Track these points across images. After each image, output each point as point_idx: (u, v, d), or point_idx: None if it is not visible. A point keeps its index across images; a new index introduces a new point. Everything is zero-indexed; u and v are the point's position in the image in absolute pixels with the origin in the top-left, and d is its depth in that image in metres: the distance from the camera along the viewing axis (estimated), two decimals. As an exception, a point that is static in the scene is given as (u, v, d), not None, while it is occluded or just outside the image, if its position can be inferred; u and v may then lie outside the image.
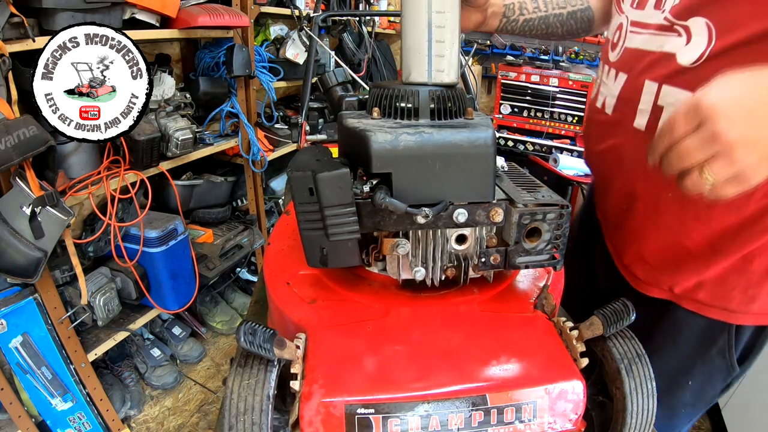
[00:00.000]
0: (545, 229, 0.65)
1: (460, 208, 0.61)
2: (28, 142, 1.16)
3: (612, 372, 0.61)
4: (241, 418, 0.52)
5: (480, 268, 0.69)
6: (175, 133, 1.68)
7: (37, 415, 1.48)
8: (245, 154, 2.15)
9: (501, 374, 0.57)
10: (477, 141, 0.60)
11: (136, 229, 1.61)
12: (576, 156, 3.11)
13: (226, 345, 2.19)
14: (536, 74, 3.34)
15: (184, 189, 1.95)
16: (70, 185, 1.41)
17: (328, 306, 0.70)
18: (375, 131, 0.59)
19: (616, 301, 0.61)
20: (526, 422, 0.56)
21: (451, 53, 0.64)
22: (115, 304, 1.59)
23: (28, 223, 1.24)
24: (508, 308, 0.70)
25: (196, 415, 1.84)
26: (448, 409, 0.54)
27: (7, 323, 1.33)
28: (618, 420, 0.60)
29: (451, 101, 0.65)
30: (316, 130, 1.40)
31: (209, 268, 1.92)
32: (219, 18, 1.68)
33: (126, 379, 1.86)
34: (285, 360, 0.57)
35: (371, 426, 0.53)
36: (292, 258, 0.83)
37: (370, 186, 0.61)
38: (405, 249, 0.66)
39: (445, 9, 0.62)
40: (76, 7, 1.29)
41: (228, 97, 2.07)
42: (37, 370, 1.41)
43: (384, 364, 0.59)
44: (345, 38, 2.84)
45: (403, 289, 0.73)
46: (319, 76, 1.11)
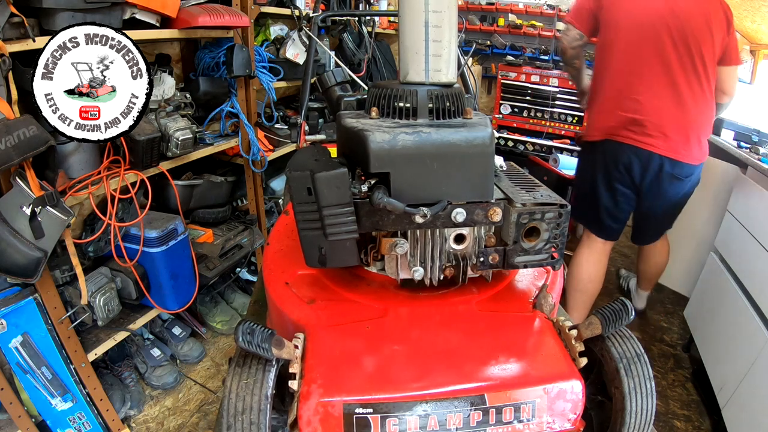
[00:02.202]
0: (544, 228, 0.65)
1: (458, 207, 0.61)
2: (28, 142, 1.16)
3: (611, 371, 0.61)
4: (239, 417, 0.52)
5: (479, 268, 0.69)
6: (175, 133, 1.68)
7: (37, 415, 1.49)
8: (245, 154, 2.15)
9: (499, 374, 0.57)
10: (475, 140, 0.60)
11: (136, 229, 1.61)
12: (576, 156, 3.11)
13: (226, 345, 2.19)
14: (536, 74, 3.34)
15: (184, 189, 1.95)
16: (70, 185, 1.41)
17: (327, 306, 0.70)
18: (373, 131, 0.59)
19: (614, 301, 0.61)
20: (524, 422, 0.56)
21: (448, 53, 0.64)
22: (115, 304, 1.59)
23: (28, 223, 1.24)
24: (507, 308, 0.70)
25: (196, 415, 1.84)
26: (447, 409, 0.54)
27: (7, 323, 1.33)
28: (617, 419, 0.60)
29: (449, 101, 0.65)
30: (316, 130, 1.40)
31: (209, 268, 1.92)
32: (219, 18, 1.68)
33: (126, 379, 1.86)
34: (283, 360, 0.57)
35: (369, 426, 0.53)
36: (291, 258, 0.83)
37: (368, 186, 0.61)
38: (403, 249, 0.66)
39: (442, 9, 0.62)
40: (76, 7, 1.29)
41: (228, 97, 2.07)
42: (37, 370, 1.41)
43: (382, 364, 0.59)
44: (345, 38, 2.84)
45: (401, 288, 0.73)
46: (318, 76, 1.11)
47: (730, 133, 2.24)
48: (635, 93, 1.77)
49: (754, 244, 1.73)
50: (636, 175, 1.84)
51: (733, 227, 1.94)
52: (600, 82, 1.92)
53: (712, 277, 2.08)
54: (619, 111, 1.80)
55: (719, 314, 1.92)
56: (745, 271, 1.79)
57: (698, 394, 1.96)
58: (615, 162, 1.86)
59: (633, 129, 1.79)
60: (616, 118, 1.81)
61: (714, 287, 2.03)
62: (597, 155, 1.92)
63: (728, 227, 2.01)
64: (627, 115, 1.78)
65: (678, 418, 1.85)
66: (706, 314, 2.07)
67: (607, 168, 1.89)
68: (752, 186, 1.87)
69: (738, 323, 1.74)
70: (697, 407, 1.90)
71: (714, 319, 1.96)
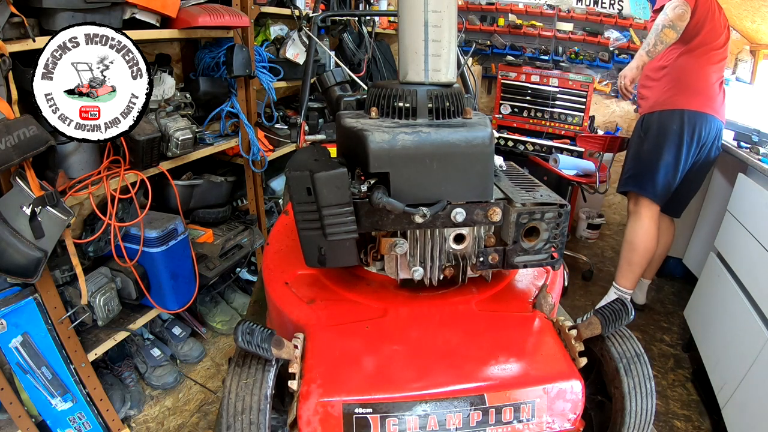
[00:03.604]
0: (543, 228, 0.65)
1: (458, 207, 0.61)
2: (28, 142, 1.17)
3: (611, 371, 0.61)
4: (239, 417, 0.52)
5: (478, 268, 0.69)
6: (175, 133, 1.68)
7: (37, 415, 1.49)
8: (245, 154, 2.15)
9: (499, 374, 0.57)
10: (475, 140, 0.60)
11: (136, 229, 1.61)
12: (576, 156, 3.11)
13: (226, 345, 2.20)
14: (536, 74, 3.34)
15: (184, 189, 1.95)
16: (70, 185, 1.41)
17: (327, 306, 0.70)
18: (373, 131, 0.59)
19: (614, 301, 0.61)
20: (524, 422, 0.56)
21: (448, 53, 0.64)
22: (115, 304, 1.59)
23: (28, 223, 1.25)
24: (507, 308, 0.70)
25: (196, 415, 1.84)
26: (446, 409, 0.54)
27: (7, 323, 1.33)
28: (617, 419, 0.60)
29: (449, 101, 0.65)
30: (316, 130, 1.40)
31: (209, 268, 1.92)
32: (219, 18, 1.68)
33: (126, 379, 1.86)
34: (283, 360, 0.57)
35: (369, 426, 0.53)
36: (291, 258, 0.83)
37: (368, 185, 0.61)
38: (403, 248, 0.66)
39: (441, 9, 0.62)
40: (76, 7, 1.29)
41: (228, 97, 2.07)
42: (37, 370, 1.41)
43: (382, 364, 0.59)
44: (345, 38, 2.84)
45: (401, 288, 0.73)
46: (318, 76, 1.11)
47: (730, 133, 2.24)
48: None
49: (754, 244, 1.73)
50: (703, 139, 2.13)
51: (733, 227, 1.94)
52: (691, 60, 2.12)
53: (712, 277, 2.08)
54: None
55: (719, 314, 1.92)
56: (745, 271, 1.79)
57: (698, 394, 1.96)
58: (692, 128, 2.11)
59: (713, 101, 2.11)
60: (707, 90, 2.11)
61: (714, 287, 2.03)
62: (672, 123, 2.14)
63: (728, 227, 2.01)
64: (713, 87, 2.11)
65: (678, 418, 1.85)
66: (706, 314, 2.07)
67: (681, 133, 2.12)
68: (752, 186, 1.87)
69: (738, 323, 1.74)
70: (697, 407, 1.90)
71: (714, 319, 1.96)
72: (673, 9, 1.96)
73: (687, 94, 2.13)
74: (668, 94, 2.16)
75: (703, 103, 2.11)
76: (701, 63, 2.11)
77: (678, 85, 2.14)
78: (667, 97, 2.16)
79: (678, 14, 1.95)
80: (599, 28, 3.48)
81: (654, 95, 2.22)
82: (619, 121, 3.64)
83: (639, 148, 2.28)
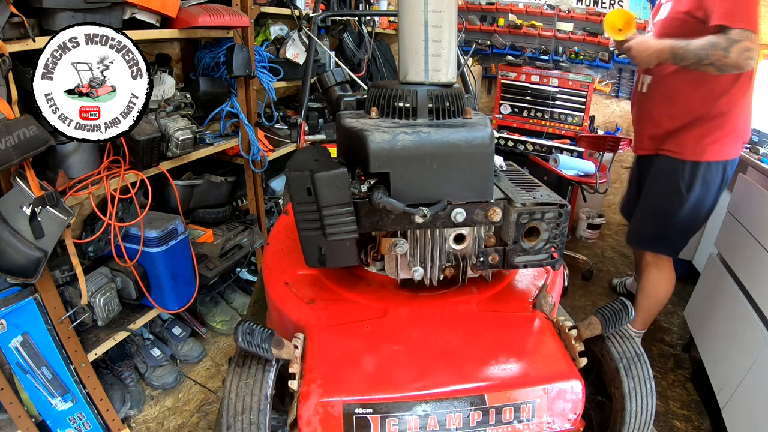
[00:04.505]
0: (544, 228, 0.65)
1: (458, 207, 0.61)
2: (28, 142, 1.16)
3: (611, 371, 0.61)
4: (239, 417, 0.52)
5: (478, 268, 0.69)
6: (175, 133, 1.68)
7: (37, 415, 1.49)
8: (245, 154, 2.15)
9: (499, 374, 0.57)
10: (475, 140, 0.60)
11: (136, 229, 1.61)
12: (576, 156, 3.11)
13: (226, 345, 2.19)
14: (536, 74, 3.34)
15: (184, 189, 1.95)
16: (70, 185, 1.41)
17: (327, 306, 0.70)
18: (373, 131, 0.59)
19: (614, 301, 0.61)
20: (524, 422, 0.56)
21: (448, 53, 0.64)
22: (115, 304, 1.59)
23: (28, 223, 1.24)
24: (507, 308, 0.70)
25: (196, 415, 1.84)
26: (447, 409, 0.54)
27: (7, 323, 1.33)
28: (617, 419, 0.60)
29: (449, 101, 0.65)
30: (316, 130, 1.40)
31: (209, 268, 1.92)
32: (219, 18, 1.68)
33: (126, 379, 1.86)
34: (283, 360, 0.57)
35: (369, 426, 0.53)
36: (291, 258, 0.83)
37: (368, 186, 0.61)
38: (403, 249, 0.66)
39: (441, 8, 0.62)
40: (76, 7, 1.29)
41: (228, 97, 2.07)
42: (37, 370, 1.41)
43: (382, 364, 0.59)
44: (345, 38, 2.84)
45: (401, 288, 0.73)
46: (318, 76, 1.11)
47: (730, 133, 2.23)
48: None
49: (754, 244, 1.73)
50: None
51: (733, 227, 1.94)
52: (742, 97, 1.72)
53: (712, 277, 2.08)
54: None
55: (719, 314, 1.92)
56: (745, 271, 1.79)
57: (698, 394, 1.96)
58: (730, 175, 1.79)
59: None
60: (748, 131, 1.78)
61: (714, 287, 2.03)
62: (717, 176, 1.77)
63: (728, 227, 2.01)
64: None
65: (678, 418, 1.85)
66: (706, 314, 2.07)
67: (721, 187, 1.81)
68: (752, 186, 1.87)
69: (738, 323, 1.74)
70: (697, 407, 1.90)
71: (714, 319, 1.96)
72: (740, 53, 1.45)
73: (740, 143, 1.77)
74: (726, 142, 1.72)
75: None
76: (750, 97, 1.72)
77: (738, 133, 1.73)
78: (722, 145, 1.72)
79: (743, 64, 1.48)
80: (599, 28, 3.48)
81: (704, 138, 1.72)
82: (619, 121, 3.65)
83: (677, 209, 1.82)
